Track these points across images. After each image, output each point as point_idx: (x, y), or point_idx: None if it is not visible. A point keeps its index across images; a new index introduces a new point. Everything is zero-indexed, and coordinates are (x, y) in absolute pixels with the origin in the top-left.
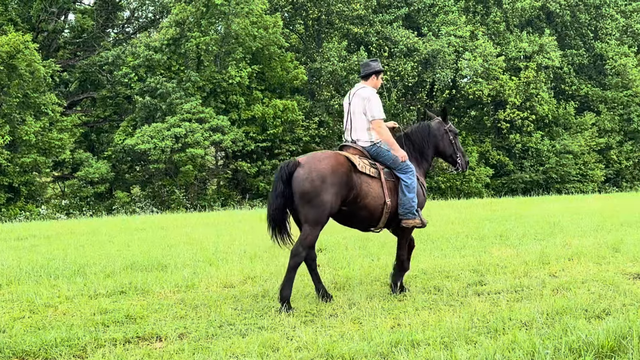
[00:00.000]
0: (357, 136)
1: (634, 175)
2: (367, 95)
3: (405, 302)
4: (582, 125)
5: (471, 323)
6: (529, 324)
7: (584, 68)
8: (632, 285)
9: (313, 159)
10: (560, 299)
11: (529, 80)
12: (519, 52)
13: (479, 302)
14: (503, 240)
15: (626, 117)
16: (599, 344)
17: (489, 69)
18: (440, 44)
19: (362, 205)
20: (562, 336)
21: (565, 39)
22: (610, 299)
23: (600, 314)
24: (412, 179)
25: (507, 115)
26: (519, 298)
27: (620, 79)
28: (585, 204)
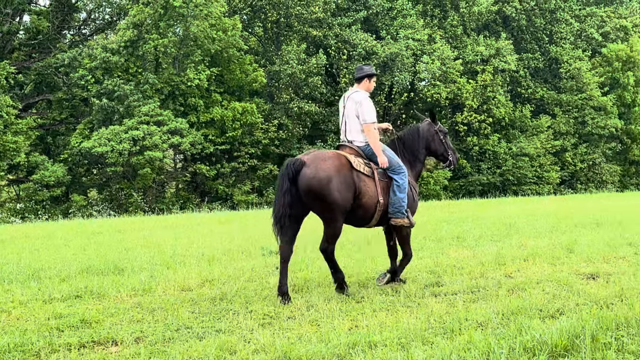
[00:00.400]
0: (352, 137)
1: (589, 177)
2: (360, 100)
3: (363, 304)
4: (538, 128)
5: (428, 324)
6: (484, 324)
7: (540, 72)
8: (585, 286)
9: (318, 159)
10: (516, 299)
11: (485, 83)
12: (476, 55)
13: (436, 303)
14: (460, 241)
15: (581, 120)
16: (552, 343)
17: (446, 72)
18: (399, 48)
19: (360, 203)
20: (517, 336)
21: (521, 43)
22: (564, 299)
23: (554, 313)
24: (404, 179)
25: (465, 118)
26: (475, 299)
27: (575, 83)
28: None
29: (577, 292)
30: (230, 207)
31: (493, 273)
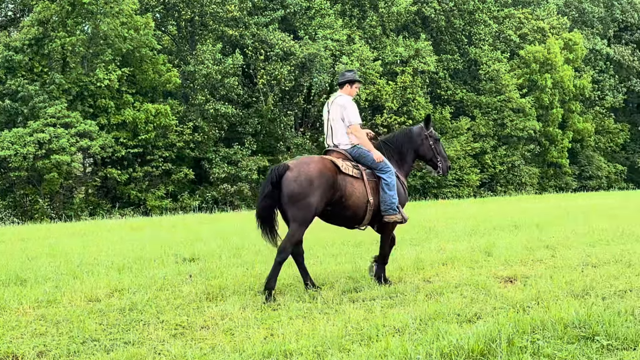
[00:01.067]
0: (338, 141)
1: (508, 180)
2: (343, 103)
3: (280, 312)
4: (458, 130)
5: (345, 331)
6: (402, 330)
7: (459, 73)
8: (503, 289)
9: (301, 163)
10: (434, 304)
11: (405, 85)
12: (396, 56)
13: (353, 310)
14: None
15: (500, 122)
16: (469, 348)
17: (366, 73)
18: (317, 48)
19: (347, 205)
20: (435, 341)
21: (441, 44)
22: (482, 303)
23: (471, 318)
24: (391, 177)
25: (385, 120)
26: (394, 304)
27: (494, 84)
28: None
29: (495, 295)
30: (143, 212)
31: (412, 278)
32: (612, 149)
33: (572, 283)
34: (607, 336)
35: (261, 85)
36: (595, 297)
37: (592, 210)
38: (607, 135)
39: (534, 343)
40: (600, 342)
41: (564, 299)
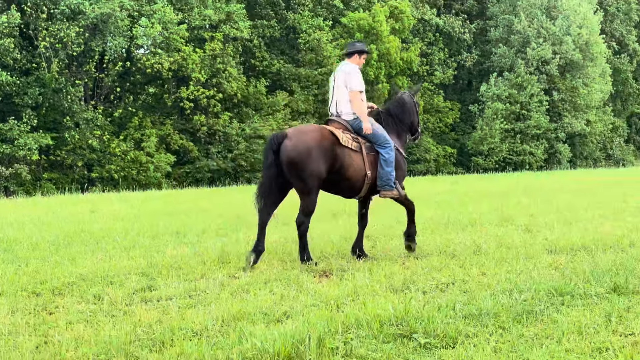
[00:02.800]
0: (340, 108)
1: None
2: (349, 70)
3: (57, 315)
4: (274, 106)
5: (135, 335)
6: (201, 333)
7: (276, 42)
8: (317, 284)
9: (299, 132)
10: (239, 302)
11: (215, 53)
12: (204, 20)
13: (145, 311)
14: (180, 237)
15: (321, 98)
16: (274, 351)
17: (169, 39)
18: (111, 7)
19: (345, 176)
20: (237, 344)
21: (255, 8)
22: (293, 300)
23: (280, 317)
24: (390, 153)
25: (191, 93)
26: (193, 304)
27: (315, 55)
28: None
29: (308, 291)
30: None
31: (216, 273)
32: (441, 129)
33: (392, 276)
34: (426, 334)
35: (43, 49)
36: (415, 292)
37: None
38: (437, 114)
39: (347, 343)
40: (418, 340)
41: (383, 294)
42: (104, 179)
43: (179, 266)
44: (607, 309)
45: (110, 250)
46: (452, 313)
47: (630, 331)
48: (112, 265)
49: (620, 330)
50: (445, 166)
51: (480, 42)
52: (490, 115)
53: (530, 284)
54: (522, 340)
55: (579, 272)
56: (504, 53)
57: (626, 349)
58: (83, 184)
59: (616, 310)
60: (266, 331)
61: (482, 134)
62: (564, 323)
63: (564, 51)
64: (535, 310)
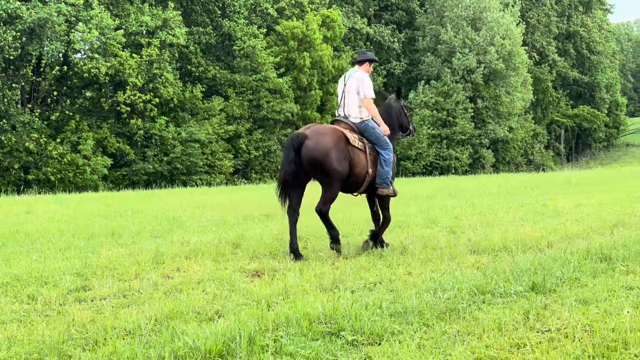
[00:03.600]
0: (349, 112)
1: (264, 166)
2: (362, 77)
3: None
4: (210, 111)
5: (68, 335)
6: (134, 332)
7: (212, 48)
8: (249, 284)
9: (318, 133)
10: (172, 301)
11: (152, 58)
12: (141, 26)
13: (79, 310)
14: (115, 238)
15: (255, 104)
16: (206, 349)
17: (106, 44)
18: (49, 12)
19: (353, 172)
20: (169, 343)
21: (192, 15)
22: (225, 300)
23: (212, 316)
24: (389, 155)
25: (128, 97)
26: (127, 303)
27: (250, 62)
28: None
29: (240, 291)
30: None
31: (150, 273)
32: None
33: (322, 276)
34: (353, 331)
35: None
36: (344, 291)
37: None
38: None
39: (277, 341)
40: (345, 337)
41: (313, 293)
42: (40, 181)
43: (114, 267)
44: (525, 306)
45: (45, 251)
46: (378, 311)
47: (546, 327)
48: (47, 265)
49: (537, 327)
50: None
51: (409, 51)
52: (418, 121)
53: (453, 283)
54: (445, 337)
55: (500, 272)
56: (432, 62)
57: (543, 344)
58: (19, 186)
59: (534, 308)
60: (198, 330)
61: (410, 139)
62: (484, 320)
63: (488, 61)
64: (458, 308)
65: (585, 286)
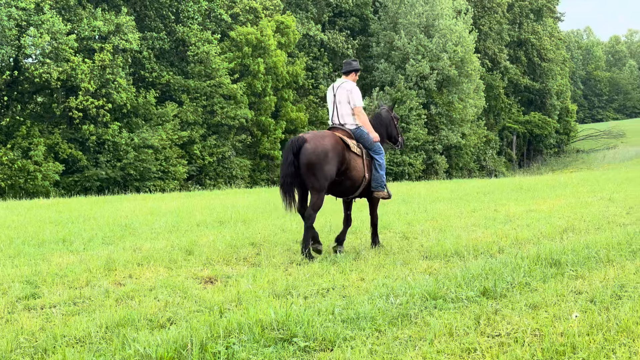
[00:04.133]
0: (344, 120)
1: (218, 172)
2: (350, 88)
3: None
4: (164, 117)
5: (16, 344)
6: (84, 340)
7: (166, 53)
8: (202, 290)
9: (317, 137)
10: (124, 309)
11: (104, 64)
12: (93, 31)
13: (28, 319)
14: (66, 245)
15: (209, 109)
16: (157, 356)
17: (58, 49)
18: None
19: (349, 176)
20: (119, 351)
21: (145, 20)
22: (178, 307)
23: (164, 323)
24: (383, 159)
25: (80, 103)
26: (78, 311)
27: (204, 68)
28: (163, 203)
29: (193, 298)
30: None
31: (101, 281)
32: None
33: (275, 282)
34: (306, 337)
35: None
36: (297, 297)
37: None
38: (321, 126)
39: (229, 348)
40: (298, 344)
41: (265, 300)
42: None
43: (64, 274)
44: (476, 311)
45: None
46: (331, 317)
47: (497, 332)
48: None
49: (488, 331)
50: None
51: (363, 57)
52: None
53: (406, 288)
54: (396, 342)
55: (452, 277)
56: (385, 68)
57: (493, 349)
58: None
59: (485, 313)
60: (150, 337)
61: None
62: (436, 325)
63: (441, 67)
64: (409, 314)
65: (535, 291)
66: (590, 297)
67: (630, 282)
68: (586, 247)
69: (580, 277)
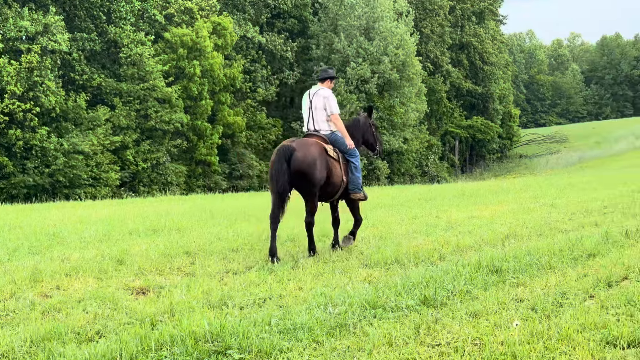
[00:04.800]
0: (319, 127)
1: (152, 179)
2: (327, 95)
3: None
4: (95, 121)
5: None
6: (7, 355)
7: (97, 55)
8: (133, 302)
9: (304, 145)
10: (50, 322)
11: (32, 65)
12: (20, 31)
13: None
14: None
15: (143, 113)
16: None
17: None
18: None
19: (330, 182)
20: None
21: (75, 20)
22: (107, 319)
23: (93, 336)
24: (358, 162)
25: (6, 106)
26: (1, 325)
27: (137, 70)
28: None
29: (123, 309)
30: None
31: (26, 292)
32: (264, 146)
33: (210, 293)
34: (241, 349)
35: None
36: (232, 307)
37: (238, 212)
38: (259, 131)
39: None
40: (232, 356)
41: (200, 311)
42: None
43: None
44: (416, 320)
45: None
46: (267, 328)
47: (437, 342)
48: None
49: (428, 341)
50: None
51: (302, 60)
52: None
53: (344, 297)
54: (334, 353)
55: (392, 286)
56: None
57: (432, 359)
58: None
59: (425, 322)
60: (77, 351)
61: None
62: (375, 335)
63: (382, 71)
64: (348, 324)
65: (476, 299)
66: (531, 305)
67: (572, 289)
68: (528, 253)
69: (522, 284)
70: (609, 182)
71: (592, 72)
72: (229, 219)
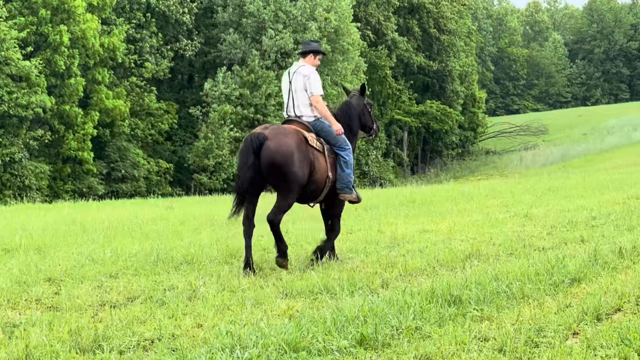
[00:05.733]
0: (300, 112)
1: (4, 182)
2: (308, 73)
3: None
4: None
5: None
6: None
7: None
8: None
9: (279, 133)
10: None
11: None
12: None
13: None
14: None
15: None
16: None
17: None
18: None
19: (313, 179)
20: None
21: None
22: None
23: None
24: (350, 156)
25: None
26: None
27: None
28: None
29: None
30: None
31: None
32: (154, 138)
33: (80, 332)
34: None
35: None
36: (109, 352)
37: (119, 225)
38: (148, 118)
39: None
40: None
41: (66, 356)
42: None
43: None
44: None
45: None
46: None
47: None
48: None
49: None
50: (159, 186)
51: (204, 25)
52: (216, 120)
53: (257, 337)
54: None
55: (319, 321)
56: (235, 41)
57: None
58: None
59: None
60: None
61: (206, 144)
62: None
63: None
64: None
65: (429, 337)
66: (498, 346)
67: (551, 324)
68: (495, 278)
69: (487, 318)
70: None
71: (578, 44)
72: (107, 234)
